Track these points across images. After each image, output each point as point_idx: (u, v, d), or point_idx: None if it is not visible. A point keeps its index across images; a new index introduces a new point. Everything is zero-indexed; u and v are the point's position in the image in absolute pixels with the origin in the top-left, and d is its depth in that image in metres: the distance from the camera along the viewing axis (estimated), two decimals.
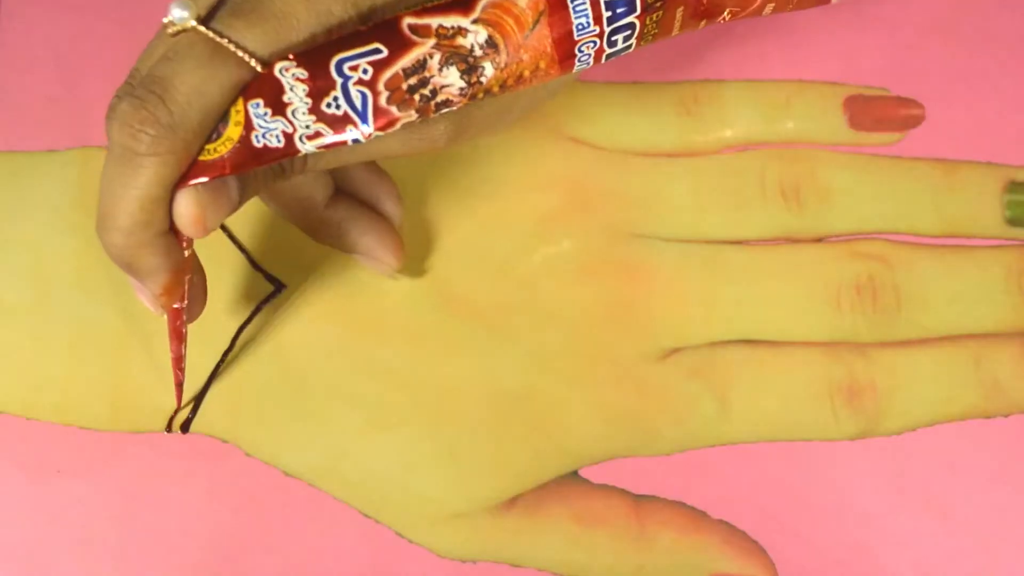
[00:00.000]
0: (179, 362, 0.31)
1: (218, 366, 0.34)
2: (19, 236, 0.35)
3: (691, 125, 0.37)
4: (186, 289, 0.28)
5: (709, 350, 0.35)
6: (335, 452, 0.33)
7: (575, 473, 0.34)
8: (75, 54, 0.38)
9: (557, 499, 0.33)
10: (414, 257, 0.35)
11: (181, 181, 0.25)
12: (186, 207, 0.25)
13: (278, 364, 0.34)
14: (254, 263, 0.35)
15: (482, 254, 0.35)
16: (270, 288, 0.35)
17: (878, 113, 0.38)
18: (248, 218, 0.36)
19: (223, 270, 0.35)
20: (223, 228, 0.35)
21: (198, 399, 0.33)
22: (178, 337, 0.30)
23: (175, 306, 0.28)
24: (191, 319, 0.30)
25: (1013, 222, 0.36)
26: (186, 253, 0.27)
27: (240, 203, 0.26)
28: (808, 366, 0.34)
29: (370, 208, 0.34)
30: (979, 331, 0.35)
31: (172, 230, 0.26)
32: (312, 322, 0.34)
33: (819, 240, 0.36)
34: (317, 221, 0.33)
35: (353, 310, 0.35)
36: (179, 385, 0.32)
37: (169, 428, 0.33)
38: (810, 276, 0.35)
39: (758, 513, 0.33)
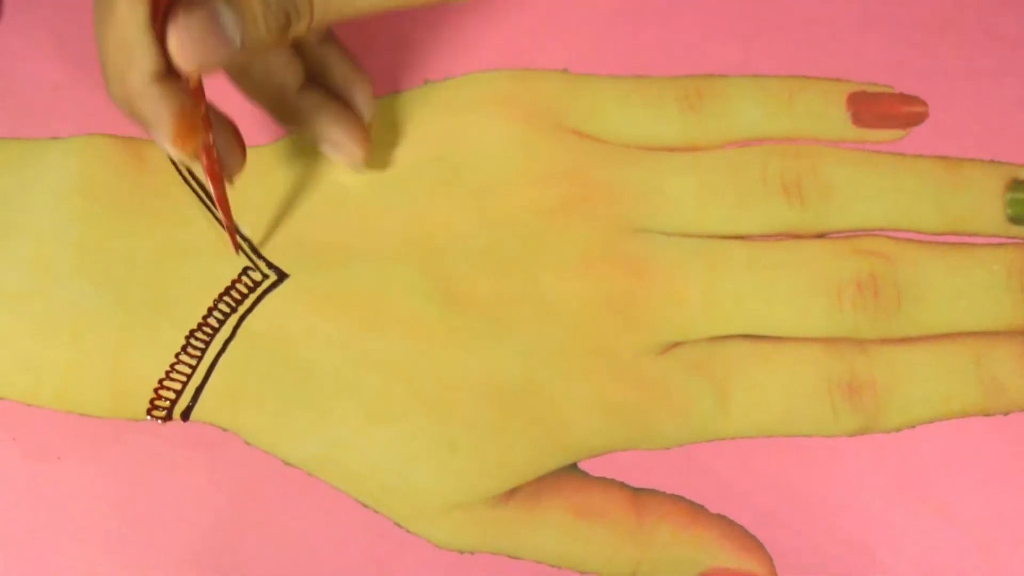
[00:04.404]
0: (223, 203, 0.31)
1: (219, 355, 0.34)
2: (21, 223, 0.35)
3: (693, 119, 0.37)
4: (207, 136, 0.28)
5: (709, 345, 0.35)
6: (335, 442, 0.33)
7: (574, 466, 0.34)
8: (78, 41, 0.38)
9: (555, 491, 0.33)
10: (415, 249, 0.35)
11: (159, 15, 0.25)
12: (172, 41, 0.25)
13: (279, 354, 0.34)
14: (256, 252, 0.35)
15: (483, 246, 0.35)
16: (272, 278, 0.35)
17: (881, 110, 0.38)
18: (250, 208, 0.36)
19: (223, 261, 0.35)
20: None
21: (199, 388, 0.34)
22: (214, 178, 0.30)
23: (203, 148, 0.28)
24: (232, 171, 0.30)
25: (1015, 220, 0.36)
26: (195, 100, 0.27)
27: (244, 48, 0.26)
28: (808, 362, 0.34)
29: (340, 100, 0.34)
30: (980, 329, 0.35)
31: (172, 75, 0.26)
32: (313, 312, 0.34)
33: (821, 236, 0.36)
34: (288, 108, 0.33)
35: (354, 301, 0.35)
36: (229, 229, 0.32)
37: (169, 416, 0.33)
38: (811, 272, 0.35)
39: (757, 508, 0.33)
